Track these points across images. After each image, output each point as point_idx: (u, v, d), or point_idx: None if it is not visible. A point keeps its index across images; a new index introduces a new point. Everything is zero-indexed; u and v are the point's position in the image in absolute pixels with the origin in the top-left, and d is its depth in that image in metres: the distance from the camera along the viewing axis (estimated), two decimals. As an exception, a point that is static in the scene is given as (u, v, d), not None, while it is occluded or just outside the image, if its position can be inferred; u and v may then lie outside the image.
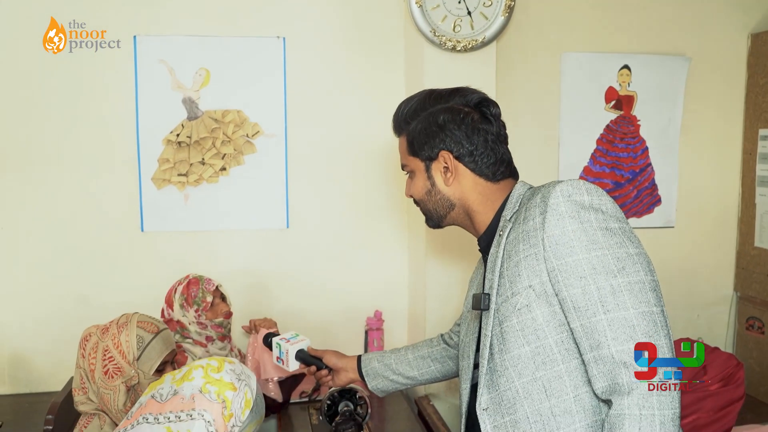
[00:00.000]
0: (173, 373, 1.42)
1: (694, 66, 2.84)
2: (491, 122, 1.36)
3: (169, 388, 1.38)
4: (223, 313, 2.21)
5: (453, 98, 1.38)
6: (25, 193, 2.49)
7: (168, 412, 1.34)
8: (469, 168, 1.35)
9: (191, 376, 1.38)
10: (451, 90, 1.40)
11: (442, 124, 1.34)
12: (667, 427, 1.08)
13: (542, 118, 2.79)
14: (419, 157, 1.39)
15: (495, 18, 2.42)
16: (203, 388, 1.36)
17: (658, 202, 2.91)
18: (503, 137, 1.38)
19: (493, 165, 1.35)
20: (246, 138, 2.58)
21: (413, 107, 1.40)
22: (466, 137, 1.33)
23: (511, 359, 1.23)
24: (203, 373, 1.38)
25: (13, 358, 2.54)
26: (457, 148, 1.34)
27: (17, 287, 2.52)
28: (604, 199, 1.20)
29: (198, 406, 1.34)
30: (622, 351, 1.11)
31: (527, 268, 1.20)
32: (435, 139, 1.35)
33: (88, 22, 2.44)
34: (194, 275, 2.22)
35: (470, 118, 1.34)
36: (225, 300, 2.25)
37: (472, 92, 1.39)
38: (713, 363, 1.78)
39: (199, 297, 2.15)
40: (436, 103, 1.38)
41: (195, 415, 1.33)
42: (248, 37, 2.56)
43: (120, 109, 2.51)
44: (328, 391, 2.10)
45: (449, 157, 1.35)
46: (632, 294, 1.12)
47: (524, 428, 1.22)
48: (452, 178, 1.36)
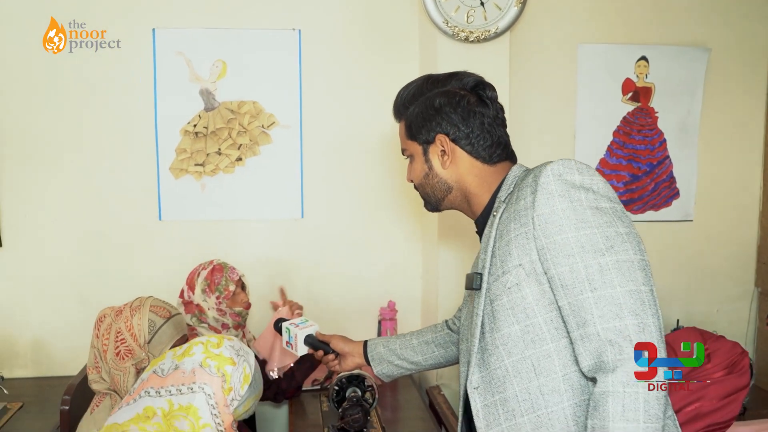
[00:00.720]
0: (174, 350, 1.46)
1: (715, 57, 2.80)
2: (488, 105, 1.36)
3: (171, 363, 1.41)
4: (244, 303, 2.23)
5: (450, 82, 1.38)
6: (47, 183, 2.56)
7: (169, 386, 1.38)
8: (465, 151, 1.36)
9: (192, 352, 1.41)
10: (448, 74, 1.41)
11: (439, 108, 1.35)
12: (652, 405, 1.07)
13: (558, 109, 2.78)
14: (417, 141, 1.40)
15: (508, 8, 2.42)
16: (203, 363, 1.39)
17: (676, 195, 2.88)
18: (500, 120, 1.38)
19: (489, 147, 1.35)
20: (261, 129, 2.62)
21: (411, 92, 1.42)
22: (462, 120, 1.34)
23: (501, 338, 1.23)
24: (203, 348, 1.42)
25: (35, 342, 2.62)
26: (454, 131, 1.35)
27: (40, 275, 2.59)
28: (596, 179, 1.19)
29: (198, 380, 1.37)
30: (607, 329, 1.10)
31: (518, 246, 1.21)
32: (432, 123, 1.36)
33: (103, 18, 2.51)
34: (219, 262, 2.25)
35: (466, 101, 1.35)
36: (246, 290, 2.28)
37: (468, 76, 1.40)
38: (718, 351, 1.75)
39: (222, 285, 2.18)
40: (434, 88, 1.39)
41: (195, 388, 1.37)
42: (264, 30, 2.60)
43: (139, 101, 2.57)
44: (336, 377, 2.13)
45: (446, 140, 1.36)
46: (620, 272, 1.11)
47: (513, 406, 1.22)
48: (449, 161, 1.37)
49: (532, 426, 1.20)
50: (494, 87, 1.40)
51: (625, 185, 2.84)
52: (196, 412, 1.35)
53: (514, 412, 1.22)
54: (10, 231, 2.57)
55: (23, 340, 2.62)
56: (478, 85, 1.38)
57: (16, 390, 2.44)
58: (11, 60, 2.51)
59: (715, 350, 1.73)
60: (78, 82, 2.53)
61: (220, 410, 1.38)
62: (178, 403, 1.36)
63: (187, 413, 1.35)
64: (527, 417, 1.20)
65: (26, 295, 2.60)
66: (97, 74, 2.54)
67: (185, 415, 1.35)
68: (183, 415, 1.35)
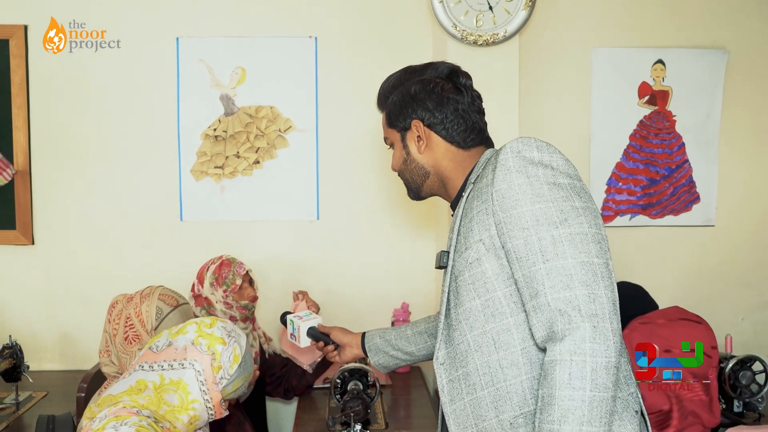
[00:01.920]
0: (170, 328, 1.52)
1: (734, 59, 2.76)
2: (462, 92, 1.40)
3: (165, 340, 1.48)
4: (250, 296, 2.31)
5: (426, 71, 1.44)
6: (76, 183, 2.71)
7: (162, 361, 1.44)
8: (440, 136, 1.40)
9: (185, 330, 1.48)
10: (425, 64, 1.47)
11: (414, 95, 1.40)
12: (599, 374, 1.07)
13: (573, 113, 2.78)
14: (396, 128, 1.45)
15: (517, 12, 2.45)
16: (195, 341, 1.45)
17: (696, 199, 2.83)
18: (476, 107, 1.42)
19: (463, 132, 1.39)
20: (278, 132, 2.70)
21: (392, 83, 1.48)
22: (437, 106, 1.38)
23: (464, 312, 1.25)
24: (197, 327, 1.48)
25: (62, 337, 2.75)
26: (428, 117, 1.39)
27: (68, 271, 2.73)
28: (556, 156, 1.21)
29: (189, 357, 1.43)
30: (558, 299, 1.11)
31: (479, 223, 1.23)
32: (408, 109, 1.41)
33: (128, 27, 2.66)
34: (227, 257, 2.33)
35: (440, 87, 1.39)
36: (253, 285, 2.36)
37: (443, 64, 1.45)
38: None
39: (229, 278, 2.27)
40: (411, 77, 1.45)
41: (186, 364, 1.42)
42: (282, 37, 2.70)
43: (163, 106, 2.70)
44: (338, 370, 2.17)
45: (420, 125, 1.40)
46: (573, 244, 1.13)
47: (474, 380, 1.24)
48: (424, 146, 1.41)
49: (491, 399, 1.22)
50: (469, 75, 1.44)
51: (642, 189, 2.81)
52: (186, 387, 1.41)
53: (475, 386, 1.24)
54: (41, 229, 2.71)
55: (51, 335, 2.75)
56: (452, 72, 1.42)
57: (43, 380, 2.55)
58: (41, 62, 2.66)
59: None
60: (105, 85, 2.68)
61: (209, 387, 1.43)
62: (169, 377, 1.41)
63: (177, 388, 1.41)
64: (487, 390, 1.22)
65: (56, 290, 2.73)
66: (123, 80, 2.68)
67: (175, 390, 1.41)
68: (173, 389, 1.41)
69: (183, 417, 1.40)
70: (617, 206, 2.81)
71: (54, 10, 2.62)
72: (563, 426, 1.07)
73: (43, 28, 2.63)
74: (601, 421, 1.07)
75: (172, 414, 1.39)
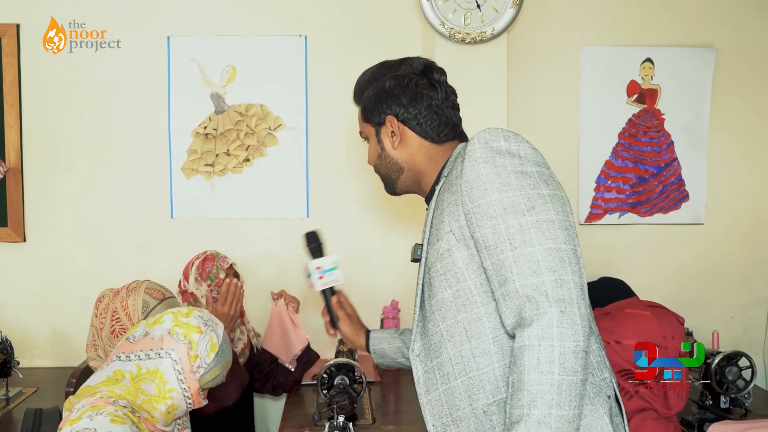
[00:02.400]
0: (147, 319, 1.53)
1: (722, 58, 2.78)
2: (436, 88, 1.41)
3: (142, 331, 1.49)
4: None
5: (401, 66, 1.45)
6: (67, 181, 2.72)
7: (139, 351, 1.45)
8: (414, 131, 1.40)
9: (162, 320, 1.48)
10: (400, 60, 1.47)
11: (389, 90, 1.41)
12: (567, 358, 1.08)
13: (561, 111, 2.80)
14: (370, 123, 1.46)
15: (504, 10, 2.47)
16: (172, 330, 1.46)
17: (685, 197, 2.84)
18: (450, 102, 1.43)
19: (437, 127, 1.40)
20: (268, 130, 2.72)
21: (368, 77, 1.48)
22: (410, 102, 1.39)
23: (437, 303, 1.26)
24: (173, 317, 1.49)
25: (54, 334, 2.76)
26: (402, 112, 1.40)
27: (60, 269, 2.74)
28: (523, 145, 1.22)
29: (166, 346, 1.44)
30: (525, 285, 1.12)
31: (449, 214, 1.24)
32: (382, 105, 1.42)
33: (111, 23, 2.68)
34: (211, 251, 2.35)
35: (414, 83, 1.40)
36: (239, 278, 2.37)
37: (417, 60, 1.46)
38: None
39: (213, 273, 2.28)
40: (387, 72, 1.45)
41: (163, 353, 1.43)
42: (272, 36, 2.72)
43: (154, 104, 2.71)
44: (325, 365, 2.18)
45: (394, 121, 1.41)
46: (540, 231, 1.14)
47: (447, 370, 1.25)
48: (398, 141, 1.41)
49: (465, 388, 1.23)
50: (444, 71, 1.45)
51: (631, 187, 2.82)
52: (163, 376, 1.42)
53: (448, 376, 1.25)
54: (33, 227, 2.73)
55: (43, 332, 2.76)
56: (426, 68, 1.43)
57: (34, 377, 2.56)
58: (33, 62, 2.68)
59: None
60: (96, 84, 2.70)
61: (186, 376, 1.44)
62: (146, 367, 1.42)
63: (154, 377, 1.41)
64: (460, 380, 1.23)
65: (47, 288, 2.74)
66: (115, 77, 2.69)
67: (152, 379, 1.41)
68: (150, 379, 1.41)
69: (160, 406, 1.41)
70: (606, 204, 2.82)
71: (48, 10, 2.65)
72: (533, 410, 1.08)
73: (34, 26, 2.65)
74: (570, 405, 1.08)
75: (150, 403, 1.40)
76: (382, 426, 2.16)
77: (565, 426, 1.08)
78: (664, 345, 1.61)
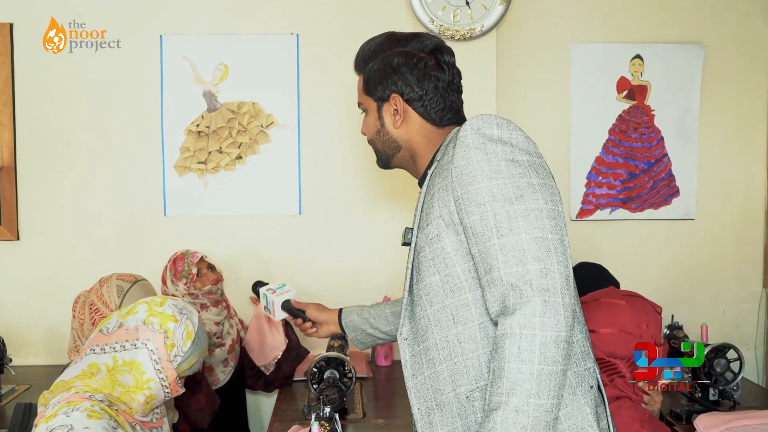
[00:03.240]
0: (120, 310, 1.52)
1: (711, 54, 2.80)
2: (444, 69, 1.38)
3: (116, 322, 1.47)
4: (211, 280, 2.35)
5: (410, 43, 1.41)
6: (61, 179, 2.73)
7: (114, 343, 1.44)
8: (417, 112, 1.38)
9: (136, 310, 1.47)
10: (410, 34, 1.43)
11: (396, 67, 1.37)
12: (549, 347, 1.08)
13: (552, 108, 2.81)
14: (372, 97, 1.42)
15: (494, 7, 2.49)
16: (146, 320, 1.45)
17: (676, 193, 2.86)
18: (455, 86, 1.41)
19: (441, 111, 1.38)
20: (261, 128, 2.73)
21: (373, 48, 1.43)
22: (417, 82, 1.36)
23: (425, 288, 1.27)
24: (147, 307, 1.48)
25: (48, 331, 2.76)
26: (408, 92, 1.37)
27: (53, 267, 2.75)
28: (515, 133, 1.22)
29: (141, 336, 1.43)
30: (510, 273, 1.12)
31: (439, 199, 1.24)
32: (388, 81, 1.38)
33: (106, 22, 2.70)
34: (181, 251, 2.39)
35: (423, 63, 1.37)
36: (214, 270, 2.39)
37: (429, 38, 1.42)
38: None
39: (185, 270, 2.32)
40: (395, 46, 1.41)
41: (139, 344, 1.43)
42: (264, 34, 2.73)
43: (147, 102, 2.72)
44: (315, 359, 2.19)
45: (399, 99, 1.38)
46: (527, 220, 1.13)
47: (433, 355, 1.25)
48: (401, 121, 1.39)
49: (449, 373, 1.23)
50: (453, 52, 1.42)
51: (622, 183, 2.83)
52: (140, 367, 1.41)
53: (434, 361, 1.26)
54: (27, 225, 2.74)
55: (37, 330, 2.77)
56: (437, 48, 1.40)
57: (27, 374, 2.57)
58: (28, 59, 2.70)
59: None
60: (90, 82, 2.71)
61: (163, 365, 1.43)
62: (122, 358, 1.42)
63: (130, 368, 1.41)
64: (445, 365, 1.24)
65: (41, 286, 2.75)
66: (109, 76, 2.71)
67: (129, 370, 1.41)
68: (127, 370, 1.41)
69: (139, 397, 1.40)
70: (597, 200, 2.84)
71: (41, 9, 2.66)
72: (511, 398, 1.08)
73: (28, 26, 2.66)
74: (549, 394, 1.08)
75: (128, 395, 1.39)
76: (372, 420, 2.17)
77: (543, 415, 1.08)
78: (638, 334, 1.61)
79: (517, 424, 1.07)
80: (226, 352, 2.36)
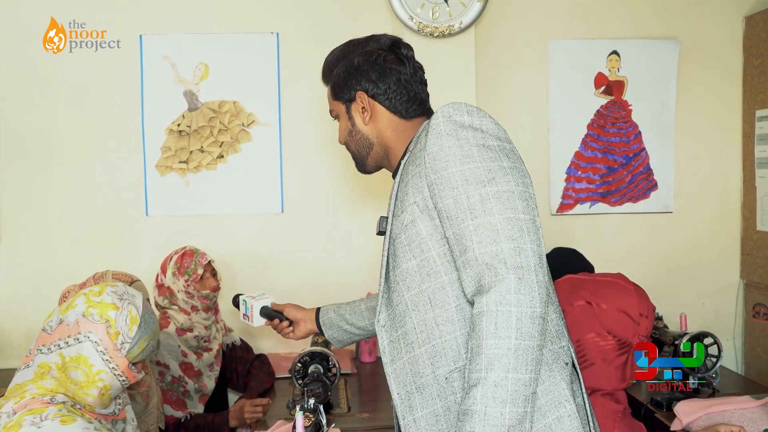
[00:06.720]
0: (60, 306, 1.49)
1: (686, 50, 2.84)
2: (404, 63, 1.44)
3: (56, 319, 1.44)
4: (211, 287, 2.33)
5: (369, 43, 1.47)
6: (43, 180, 2.72)
7: (57, 340, 1.40)
8: (384, 106, 1.43)
9: (75, 304, 1.44)
10: (367, 37, 1.50)
11: (358, 66, 1.43)
12: (524, 323, 1.10)
13: (531, 103, 2.85)
14: (341, 101, 1.48)
15: (471, 4, 2.52)
16: (86, 312, 1.42)
17: (654, 186, 2.90)
18: (418, 78, 1.45)
19: (406, 102, 1.42)
20: (242, 127, 2.74)
21: (336, 56, 1.51)
22: (380, 77, 1.42)
23: (401, 273, 1.29)
24: (85, 299, 1.44)
25: (29, 335, 2.74)
26: (372, 88, 1.42)
27: (35, 269, 2.73)
28: (486, 119, 1.26)
29: (83, 330, 1.40)
30: (484, 253, 1.15)
31: (413, 186, 1.27)
32: (352, 81, 1.44)
33: (94, 21, 2.69)
34: (191, 247, 2.36)
35: (383, 58, 1.43)
36: (216, 276, 2.38)
37: (384, 36, 1.48)
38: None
39: (191, 268, 2.29)
40: (355, 49, 1.47)
41: (81, 338, 1.39)
42: (244, 34, 2.74)
43: (127, 102, 2.72)
44: (299, 354, 2.20)
45: (365, 97, 1.43)
46: (499, 201, 1.17)
47: (412, 339, 1.28)
48: (369, 116, 1.44)
49: (428, 355, 1.25)
50: (411, 47, 1.48)
51: (601, 177, 2.87)
52: (87, 360, 1.39)
53: (412, 344, 1.28)
54: (7, 226, 2.72)
55: (18, 333, 2.74)
56: (394, 44, 1.46)
57: (7, 378, 2.50)
58: (9, 59, 2.68)
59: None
60: (69, 82, 2.70)
61: (112, 355, 1.40)
62: (69, 355, 1.38)
63: (78, 363, 1.38)
64: (424, 348, 1.26)
65: (22, 288, 2.73)
66: (88, 76, 2.70)
67: (77, 366, 1.38)
68: (75, 366, 1.38)
69: (92, 391, 1.39)
70: (577, 194, 2.87)
71: (31, 8, 2.65)
72: (490, 373, 1.10)
73: (4, 25, 2.65)
74: (527, 369, 1.11)
75: (81, 390, 1.38)
76: (357, 414, 2.18)
77: (522, 389, 1.10)
78: (638, 321, 1.65)
79: (497, 399, 1.09)
80: (213, 356, 2.36)
